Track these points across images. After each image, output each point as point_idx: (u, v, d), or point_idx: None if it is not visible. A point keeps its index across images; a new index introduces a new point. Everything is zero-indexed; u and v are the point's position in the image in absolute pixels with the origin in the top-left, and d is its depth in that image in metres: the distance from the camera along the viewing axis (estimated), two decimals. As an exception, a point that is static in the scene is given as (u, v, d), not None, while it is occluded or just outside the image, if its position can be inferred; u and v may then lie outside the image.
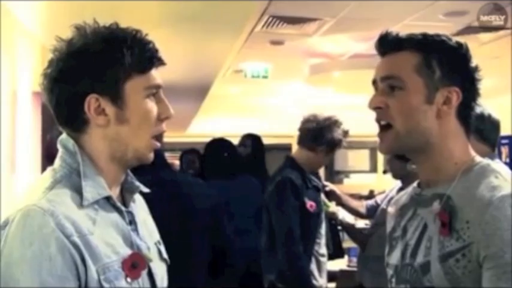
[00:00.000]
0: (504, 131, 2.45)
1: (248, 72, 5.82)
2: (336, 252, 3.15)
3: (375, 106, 1.22)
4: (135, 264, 1.08)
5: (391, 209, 1.39)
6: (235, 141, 3.91)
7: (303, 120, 2.84)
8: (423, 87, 1.18)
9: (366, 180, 10.79)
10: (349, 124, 2.90)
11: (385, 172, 3.29)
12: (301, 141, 2.82)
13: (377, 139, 1.26)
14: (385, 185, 8.69)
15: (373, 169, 11.39)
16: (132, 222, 1.15)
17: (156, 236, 1.27)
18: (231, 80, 6.30)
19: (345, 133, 2.82)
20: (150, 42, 1.13)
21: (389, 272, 1.29)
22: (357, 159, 11.47)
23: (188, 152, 4.66)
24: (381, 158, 10.91)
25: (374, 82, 1.26)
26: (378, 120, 1.23)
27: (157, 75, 1.14)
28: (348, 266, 3.73)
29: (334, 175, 11.27)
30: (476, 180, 1.14)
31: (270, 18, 3.97)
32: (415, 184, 1.31)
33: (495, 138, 2.17)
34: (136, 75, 1.10)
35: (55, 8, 3.27)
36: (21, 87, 3.46)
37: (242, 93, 7.45)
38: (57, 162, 1.12)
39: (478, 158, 1.22)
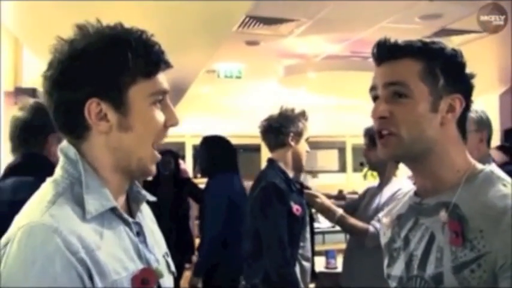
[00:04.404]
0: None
1: (221, 73, 5.78)
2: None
3: (380, 116, 1.18)
4: (145, 280, 1.02)
5: (385, 220, 1.37)
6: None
7: (262, 124, 2.79)
8: (428, 95, 1.16)
9: (334, 180, 10.84)
10: (319, 124, 2.86)
11: (361, 164, 3.27)
12: (271, 143, 2.76)
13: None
14: (354, 185, 8.79)
15: (342, 169, 11.46)
16: (140, 233, 1.10)
17: (164, 248, 1.21)
18: (203, 80, 6.24)
19: (303, 113, 2.76)
20: (156, 44, 1.06)
21: (393, 283, 1.28)
22: (326, 159, 11.51)
23: (163, 153, 4.55)
24: (349, 158, 11.00)
25: (372, 89, 1.21)
26: (380, 130, 1.19)
27: (163, 79, 1.07)
28: (326, 267, 3.73)
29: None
30: (483, 188, 1.14)
31: (247, 19, 3.93)
32: (411, 193, 1.29)
33: (491, 137, 2.34)
34: (142, 79, 1.03)
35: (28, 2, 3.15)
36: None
37: (214, 93, 7.39)
38: (58, 172, 1.05)
39: (479, 165, 1.21)
